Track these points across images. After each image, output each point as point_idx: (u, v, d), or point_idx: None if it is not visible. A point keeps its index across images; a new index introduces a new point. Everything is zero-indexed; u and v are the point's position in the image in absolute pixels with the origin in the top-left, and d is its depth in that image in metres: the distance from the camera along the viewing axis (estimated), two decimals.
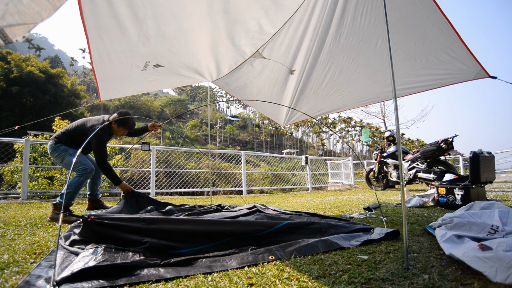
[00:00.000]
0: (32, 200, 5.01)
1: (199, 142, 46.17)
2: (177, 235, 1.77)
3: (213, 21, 2.54)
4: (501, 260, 1.14)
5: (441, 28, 2.52)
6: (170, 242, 1.71)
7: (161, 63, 2.85)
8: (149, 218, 1.81)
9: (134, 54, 2.60)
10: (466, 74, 2.91)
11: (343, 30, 2.90)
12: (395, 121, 1.60)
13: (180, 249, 1.69)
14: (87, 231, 1.74)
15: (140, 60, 2.73)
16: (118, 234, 1.69)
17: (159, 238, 1.72)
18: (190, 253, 1.69)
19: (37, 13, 1.21)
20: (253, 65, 3.52)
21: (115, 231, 1.69)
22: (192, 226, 1.84)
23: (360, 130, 59.07)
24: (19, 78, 21.85)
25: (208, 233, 1.84)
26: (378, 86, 3.55)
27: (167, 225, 1.80)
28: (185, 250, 1.70)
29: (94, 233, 1.72)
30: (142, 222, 1.76)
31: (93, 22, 2.14)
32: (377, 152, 6.91)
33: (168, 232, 1.76)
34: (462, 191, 3.35)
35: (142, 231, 1.73)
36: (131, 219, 1.78)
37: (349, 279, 1.25)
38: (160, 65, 2.88)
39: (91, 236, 1.72)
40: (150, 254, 1.58)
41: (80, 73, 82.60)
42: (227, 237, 1.84)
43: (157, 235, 1.73)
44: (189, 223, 1.87)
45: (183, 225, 1.84)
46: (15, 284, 1.27)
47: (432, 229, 1.98)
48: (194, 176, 7.36)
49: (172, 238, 1.75)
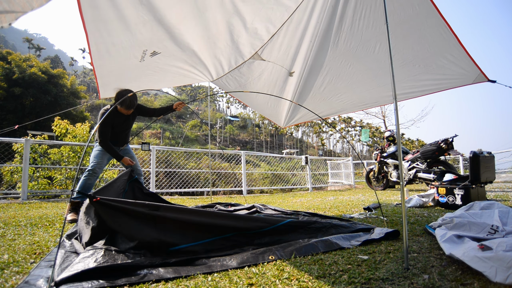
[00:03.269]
0: (32, 200, 5.01)
1: (199, 142, 46.15)
2: (178, 225, 1.79)
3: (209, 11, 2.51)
4: (501, 260, 1.14)
5: (440, 32, 2.51)
6: (171, 236, 1.72)
7: (158, 49, 2.81)
8: (153, 204, 1.83)
9: (131, 44, 2.60)
10: (465, 79, 2.91)
11: (341, 34, 2.90)
12: (395, 121, 1.60)
13: (179, 244, 1.69)
14: (91, 211, 1.77)
15: (137, 49, 2.71)
16: (121, 217, 1.70)
17: (161, 226, 1.74)
18: (191, 248, 1.69)
19: (27, 2, 1.20)
20: (252, 67, 3.52)
21: (118, 213, 1.71)
22: (194, 217, 1.86)
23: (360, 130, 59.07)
24: (21, 79, 21.86)
25: (210, 226, 1.85)
26: (376, 91, 3.56)
27: (170, 213, 1.81)
28: (185, 245, 1.70)
29: (96, 214, 1.73)
30: (146, 208, 1.77)
31: (92, 15, 2.15)
32: (377, 152, 6.91)
33: (171, 220, 1.78)
34: (462, 191, 3.35)
35: (146, 216, 1.74)
36: (136, 203, 1.79)
37: (349, 279, 1.25)
38: (157, 52, 2.85)
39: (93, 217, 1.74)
40: (150, 254, 1.59)
41: (80, 73, 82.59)
42: (229, 232, 1.85)
43: (160, 221, 1.75)
44: (191, 214, 1.89)
45: (185, 215, 1.85)
46: (15, 284, 1.27)
47: (432, 229, 1.98)
48: (194, 176, 7.36)
49: (173, 228, 1.77)
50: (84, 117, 22.39)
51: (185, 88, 78.43)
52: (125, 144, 3.25)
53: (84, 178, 3.01)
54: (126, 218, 1.71)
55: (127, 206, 1.74)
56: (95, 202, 1.69)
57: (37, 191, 5.84)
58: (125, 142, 3.25)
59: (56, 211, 3.53)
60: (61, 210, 3.64)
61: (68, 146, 6.46)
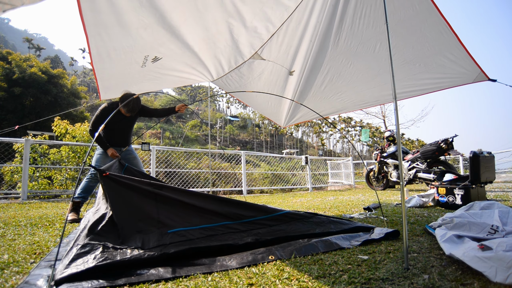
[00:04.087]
0: (32, 200, 5.01)
1: (199, 142, 46.14)
2: (179, 206, 1.89)
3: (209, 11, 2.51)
4: (501, 260, 1.14)
5: (440, 31, 2.50)
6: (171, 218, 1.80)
7: (159, 54, 2.81)
8: (157, 183, 1.98)
9: (133, 49, 2.59)
10: (466, 77, 2.90)
11: (341, 33, 2.89)
12: (395, 121, 1.60)
13: (178, 227, 1.75)
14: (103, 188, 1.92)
15: (139, 55, 2.71)
16: (129, 194, 1.84)
17: (162, 206, 1.85)
18: (190, 232, 1.73)
19: None
20: (252, 66, 3.51)
21: (126, 190, 1.85)
22: (195, 200, 1.94)
23: (360, 130, 59.05)
24: (22, 79, 21.85)
25: (209, 212, 1.91)
26: (377, 90, 3.56)
27: (173, 194, 1.93)
28: (184, 228, 1.75)
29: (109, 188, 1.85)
30: (151, 186, 1.91)
31: (92, 19, 2.14)
32: (377, 152, 6.91)
33: (173, 200, 1.90)
34: (462, 191, 3.35)
35: (150, 194, 1.88)
36: (141, 181, 1.92)
37: (349, 279, 1.25)
38: (158, 58, 2.85)
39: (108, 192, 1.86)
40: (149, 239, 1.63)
41: (80, 73, 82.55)
42: (228, 220, 1.90)
43: (162, 200, 1.87)
44: (193, 196, 1.97)
45: (187, 197, 1.94)
46: (15, 284, 1.27)
47: (432, 229, 1.98)
48: (194, 176, 7.36)
49: (174, 211, 1.85)
50: (85, 117, 22.39)
51: (185, 88, 78.40)
52: (127, 145, 3.26)
53: (86, 180, 3.07)
54: (131, 194, 1.84)
55: (134, 183, 1.88)
56: (105, 176, 1.85)
57: (37, 191, 5.84)
58: (127, 143, 3.25)
59: (56, 211, 3.54)
60: (61, 210, 3.64)
61: (68, 146, 6.46)
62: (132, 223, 1.72)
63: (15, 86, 21.66)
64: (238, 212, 1.96)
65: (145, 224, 1.73)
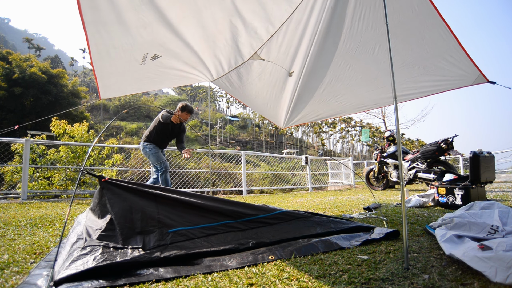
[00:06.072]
0: (32, 200, 5.01)
1: (199, 142, 46.13)
2: (179, 206, 1.93)
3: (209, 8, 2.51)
4: (501, 260, 1.14)
5: (440, 33, 2.49)
6: (171, 218, 1.82)
7: (159, 52, 2.82)
8: (157, 185, 2.09)
9: (132, 47, 2.59)
10: (465, 80, 2.90)
11: (340, 35, 2.89)
12: (395, 121, 1.60)
13: (177, 226, 1.77)
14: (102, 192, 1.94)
15: (138, 52, 2.71)
16: (129, 196, 1.89)
17: (163, 207, 1.89)
18: (190, 231, 1.76)
19: None
20: (252, 67, 3.51)
21: (126, 193, 1.90)
22: (194, 200, 1.98)
23: (360, 130, 59.06)
24: (22, 79, 21.85)
25: (209, 211, 1.95)
26: (375, 92, 3.55)
27: (173, 194, 2.01)
28: (184, 228, 1.77)
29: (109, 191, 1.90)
30: (150, 188, 2.00)
31: (92, 17, 2.14)
32: (377, 152, 6.91)
33: (173, 200, 1.95)
34: (462, 191, 3.35)
35: (150, 195, 1.93)
36: (140, 184, 2.05)
37: (349, 279, 1.25)
38: (158, 56, 2.86)
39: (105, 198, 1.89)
40: (149, 239, 1.64)
41: (80, 73, 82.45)
42: (228, 219, 1.93)
43: (162, 201, 1.92)
44: (192, 197, 2.01)
45: (186, 197, 1.99)
46: (15, 284, 1.27)
47: (432, 229, 1.98)
48: (194, 176, 7.36)
49: (173, 211, 1.89)
50: (84, 117, 22.39)
51: (185, 88, 78.39)
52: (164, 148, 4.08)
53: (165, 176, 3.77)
54: (130, 196, 1.89)
55: (134, 186, 1.95)
56: (104, 182, 1.91)
57: (37, 191, 5.83)
58: (165, 147, 4.08)
59: (56, 211, 3.53)
60: (61, 210, 3.64)
61: (67, 146, 6.46)
62: (132, 224, 1.73)
63: (15, 86, 21.67)
64: (239, 211, 1.99)
65: (145, 225, 1.74)
